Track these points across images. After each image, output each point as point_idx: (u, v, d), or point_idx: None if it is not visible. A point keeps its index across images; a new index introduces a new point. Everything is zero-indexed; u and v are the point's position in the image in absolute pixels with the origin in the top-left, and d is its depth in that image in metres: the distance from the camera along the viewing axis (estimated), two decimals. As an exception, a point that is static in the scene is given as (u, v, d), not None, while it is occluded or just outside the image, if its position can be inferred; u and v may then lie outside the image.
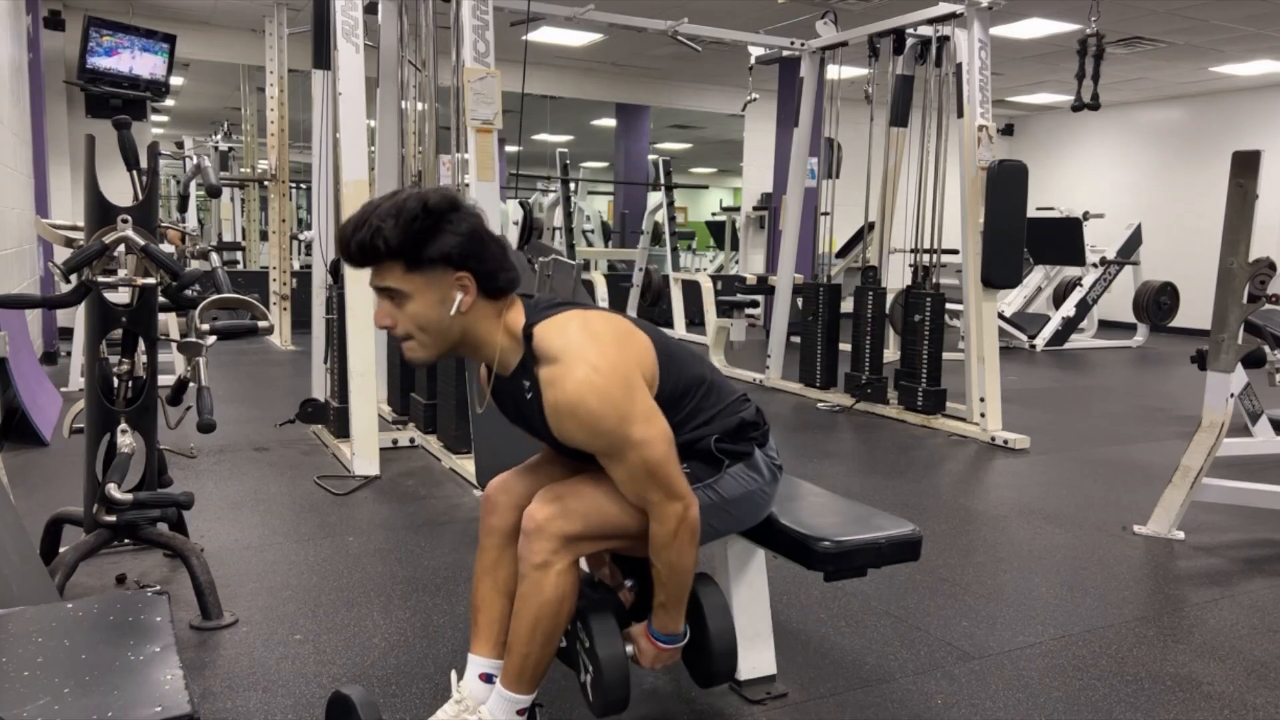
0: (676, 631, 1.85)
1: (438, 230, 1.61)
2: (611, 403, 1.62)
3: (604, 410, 1.62)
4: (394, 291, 1.64)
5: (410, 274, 1.62)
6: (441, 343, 1.69)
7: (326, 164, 4.85)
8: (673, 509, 1.69)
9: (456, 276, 1.64)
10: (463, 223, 1.63)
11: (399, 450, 4.56)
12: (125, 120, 2.58)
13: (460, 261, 1.63)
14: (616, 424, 1.62)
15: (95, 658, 1.27)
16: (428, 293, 1.64)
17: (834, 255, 8.88)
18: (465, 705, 1.80)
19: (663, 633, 1.84)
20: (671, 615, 1.83)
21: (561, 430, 1.66)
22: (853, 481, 4.30)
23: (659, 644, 1.85)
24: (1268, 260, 3.33)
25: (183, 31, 7.84)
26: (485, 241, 1.66)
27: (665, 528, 1.70)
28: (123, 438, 2.53)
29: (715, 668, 1.94)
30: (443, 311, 1.65)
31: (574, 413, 1.62)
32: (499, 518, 1.88)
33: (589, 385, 1.61)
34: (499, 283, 1.68)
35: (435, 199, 1.62)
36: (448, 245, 1.61)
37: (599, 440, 1.65)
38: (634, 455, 1.64)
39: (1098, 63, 5.36)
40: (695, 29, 6.19)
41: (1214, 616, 2.79)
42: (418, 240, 1.60)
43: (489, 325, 1.70)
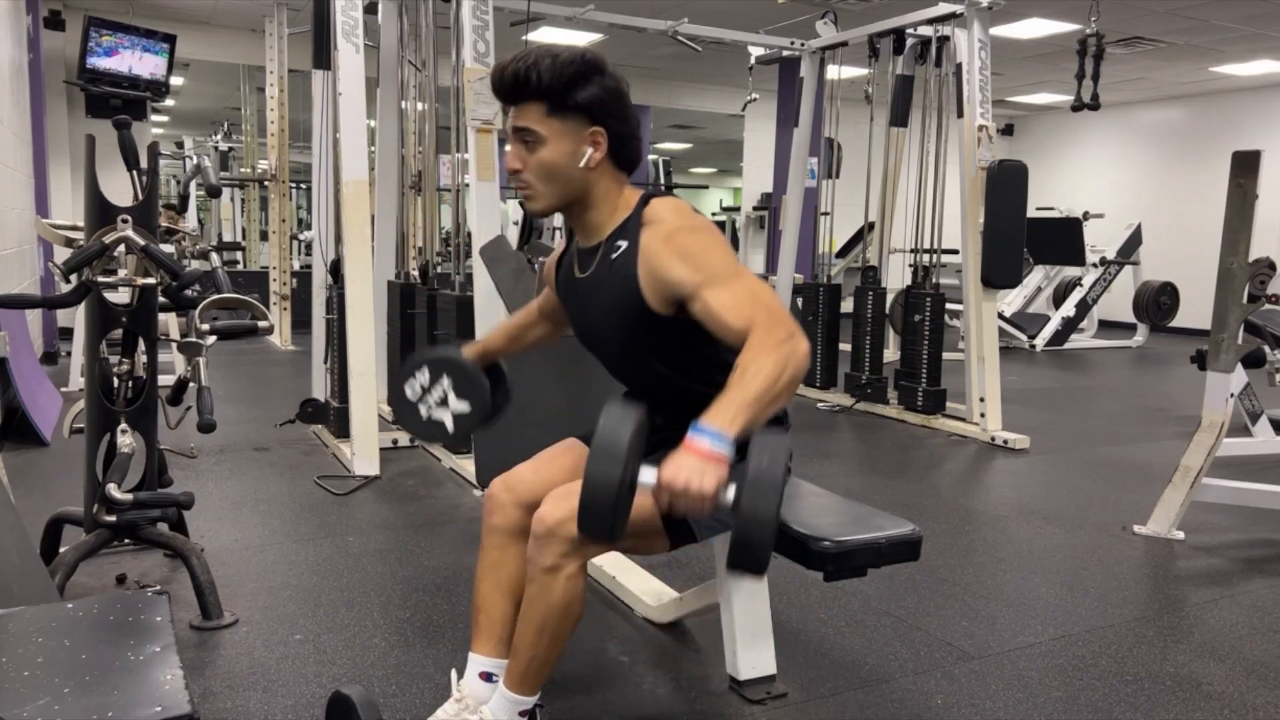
0: (726, 431, 1.39)
1: (587, 80, 1.64)
2: (721, 245, 1.65)
3: (714, 245, 1.64)
4: (530, 133, 1.67)
5: (549, 117, 1.65)
6: (562, 195, 1.72)
7: (326, 164, 4.85)
8: (780, 330, 1.48)
9: (592, 131, 1.67)
10: (611, 80, 1.67)
11: (399, 450, 4.56)
12: (125, 120, 2.58)
13: (600, 116, 1.67)
14: (724, 255, 1.62)
15: (95, 658, 1.27)
16: (561, 140, 1.66)
17: (834, 255, 8.87)
18: (466, 704, 1.80)
19: (708, 425, 1.40)
20: (733, 413, 1.41)
21: (659, 263, 1.62)
22: (853, 481, 4.30)
23: (695, 442, 1.39)
24: (1268, 260, 3.33)
25: (183, 31, 7.84)
26: (628, 106, 1.70)
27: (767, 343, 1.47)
28: (123, 438, 2.53)
29: (741, 545, 1.38)
30: (571, 163, 1.68)
31: (685, 239, 1.62)
32: (501, 516, 1.87)
33: (703, 226, 1.67)
34: (629, 150, 1.72)
35: (592, 55, 1.66)
36: (592, 95, 1.65)
37: (705, 268, 1.58)
38: (740, 284, 1.58)
39: (1098, 63, 5.36)
40: (695, 29, 6.19)
41: (1214, 616, 2.79)
42: (567, 83, 1.63)
43: (608, 189, 1.73)
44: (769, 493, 1.35)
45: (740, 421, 1.41)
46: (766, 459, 1.37)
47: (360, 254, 4.20)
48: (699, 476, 1.37)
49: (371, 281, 4.35)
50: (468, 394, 1.89)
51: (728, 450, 1.39)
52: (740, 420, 1.41)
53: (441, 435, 1.93)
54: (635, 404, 1.47)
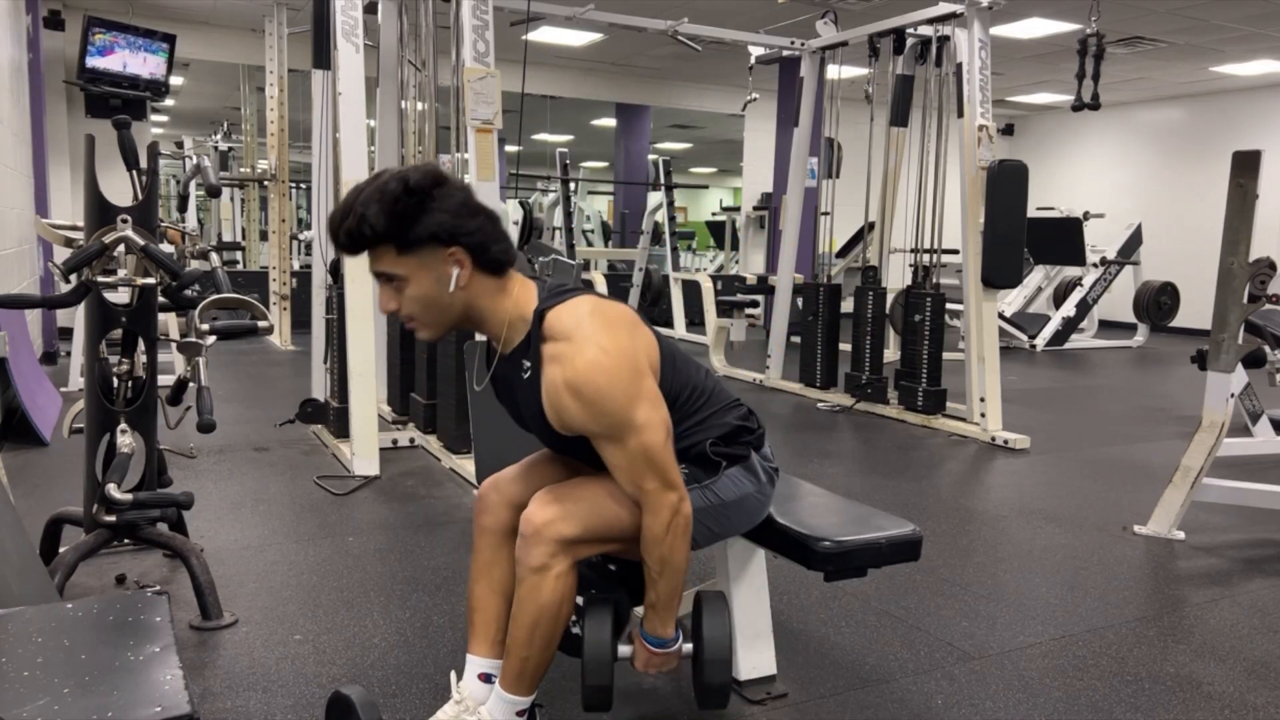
0: (666, 636, 1.81)
1: (423, 209, 1.59)
2: (618, 384, 1.61)
3: (610, 390, 1.61)
4: (390, 276, 1.64)
5: (403, 256, 1.62)
6: (445, 319, 1.70)
7: (326, 164, 4.85)
8: (667, 499, 1.67)
9: (449, 253, 1.63)
10: (449, 198, 1.61)
11: (399, 450, 4.56)
12: (125, 120, 2.58)
13: (450, 238, 1.61)
14: (621, 405, 1.61)
15: (95, 658, 1.27)
16: (423, 273, 1.63)
17: (834, 255, 8.87)
18: (465, 705, 1.80)
19: (652, 635, 1.80)
20: (661, 617, 1.79)
21: (561, 410, 1.63)
22: (853, 481, 4.30)
23: (649, 647, 1.81)
24: (1268, 260, 3.33)
25: (183, 31, 7.84)
26: (474, 214, 1.64)
27: (659, 519, 1.67)
28: (123, 438, 2.53)
29: (705, 694, 1.87)
30: (441, 289, 1.65)
31: (579, 390, 1.60)
32: (492, 517, 1.87)
33: (597, 365, 1.61)
34: (492, 254, 1.66)
35: (417, 177, 1.60)
36: (434, 223, 1.60)
37: (600, 421, 1.63)
38: (634, 440, 1.63)
39: (1098, 63, 5.36)
40: (695, 29, 6.19)
41: (1214, 616, 2.79)
42: (403, 222, 1.59)
43: (492, 300, 1.70)
44: (721, 666, 1.84)
45: (671, 618, 1.80)
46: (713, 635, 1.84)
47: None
48: (660, 663, 1.84)
49: (371, 282, 4.34)
50: None
51: (674, 644, 1.83)
52: (670, 617, 1.80)
53: None
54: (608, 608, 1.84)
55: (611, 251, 13.12)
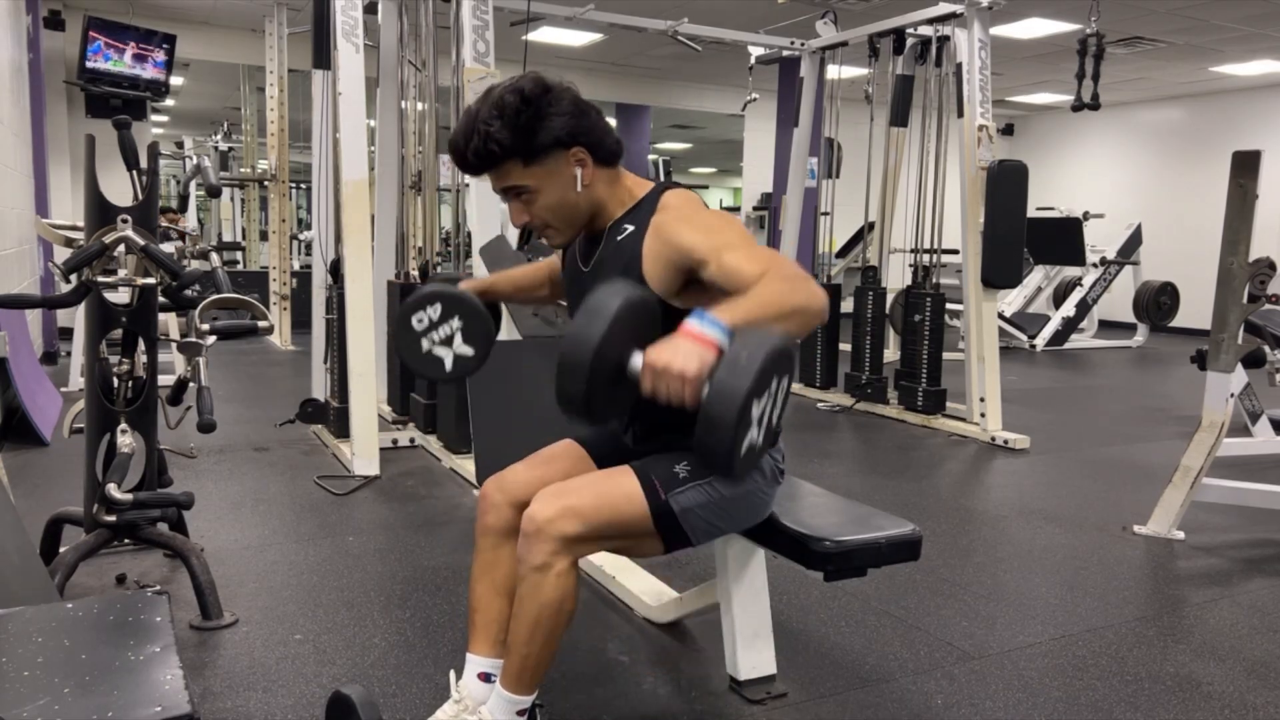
0: (723, 319, 1.40)
1: (541, 116, 1.63)
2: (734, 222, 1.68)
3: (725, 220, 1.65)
4: (519, 190, 1.67)
5: (530, 167, 1.65)
6: (577, 220, 1.74)
7: (326, 164, 4.85)
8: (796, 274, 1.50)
9: (571, 154, 1.67)
10: (561, 101, 1.65)
11: (399, 450, 4.56)
12: (125, 120, 2.58)
13: (571, 139, 1.65)
14: (742, 230, 1.65)
15: (95, 658, 1.27)
16: (552, 180, 1.67)
17: (834, 255, 8.87)
18: (465, 705, 1.80)
19: (707, 313, 1.41)
20: (730, 307, 1.43)
21: (670, 234, 1.62)
22: (853, 481, 4.30)
23: (689, 325, 1.40)
24: (1268, 260, 3.33)
25: (183, 31, 7.84)
26: (587, 111, 1.69)
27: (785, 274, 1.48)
28: (123, 438, 2.53)
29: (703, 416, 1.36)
30: (569, 192, 1.69)
31: (692, 217, 1.63)
32: (494, 516, 1.87)
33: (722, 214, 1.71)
34: (608, 147, 1.71)
35: (529, 86, 1.63)
36: (556, 128, 1.63)
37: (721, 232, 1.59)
38: (758, 248, 1.56)
39: (1098, 63, 5.36)
40: (695, 29, 6.19)
41: (1214, 616, 2.79)
42: (527, 133, 1.62)
43: (610, 190, 1.74)
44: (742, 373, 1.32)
45: (740, 316, 1.41)
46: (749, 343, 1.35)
47: (360, 254, 4.20)
48: (684, 358, 1.36)
49: (371, 281, 4.35)
50: (474, 341, 1.87)
51: (721, 336, 1.37)
52: (740, 315, 1.41)
53: (437, 372, 1.90)
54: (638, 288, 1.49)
55: (611, 251, 13.09)
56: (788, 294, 1.44)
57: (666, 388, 1.37)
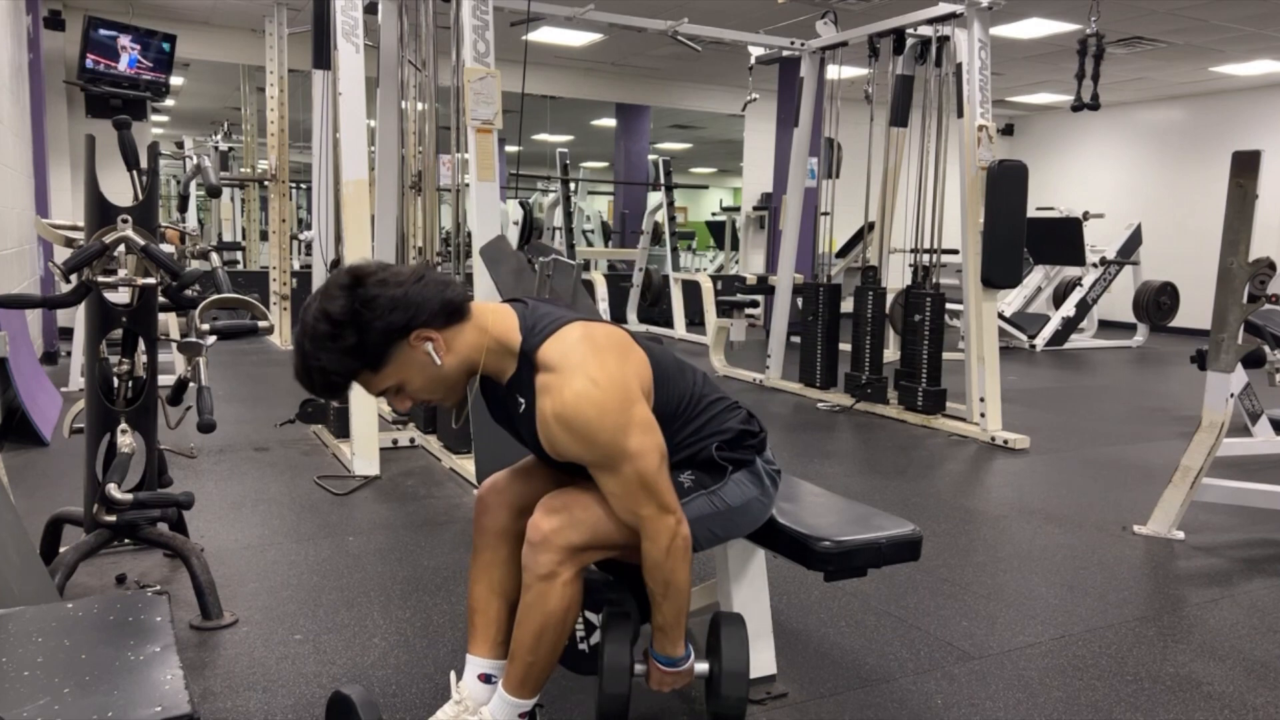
0: (676, 655, 1.83)
1: (362, 328, 1.56)
2: (608, 414, 1.60)
3: (600, 422, 1.60)
4: (387, 391, 1.66)
5: (382, 369, 1.62)
6: (455, 385, 1.70)
7: (326, 164, 4.86)
8: (665, 524, 1.67)
9: (413, 340, 1.61)
10: (376, 299, 1.57)
11: (399, 450, 4.56)
12: (125, 120, 2.58)
13: (405, 330, 1.59)
14: (612, 436, 1.61)
15: (95, 658, 1.27)
16: (409, 368, 1.63)
17: (834, 255, 8.88)
18: (465, 705, 1.80)
19: (662, 655, 1.83)
20: (670, 637, 1.80)
21: (553, 441, 1.64)
22: (853, 481, 4.30)
23: (660, 667, 1.84)
24: (1268, 260, 3.33)
25: (183, 31, 7.84)
26: (407, 291, 1.59)
27: (658, 545, 1.68)
28: (123, 438, 2.53)
29: (723, 710, 1.88)
30: (433, 371, 1.64)
31: (569, 424, 1.60)
32: (492, 519, 1.88)
33: (586, 396, 1.59)
34: (449, 311, 1.64)
35: (336, 305, 1.56)
36: (381, 330, 1.57)
37: (593, 452, 1.64)
38: (628, 467, 1.63)
39: (1098, 63, 5.36)
40: (695, 29, 6.19)
41: (1214, 616, 2.79)
42: (358, 351, 1.58)
43: (473, 343, 1.67)
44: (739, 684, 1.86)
45: (679, 636, 1.81)
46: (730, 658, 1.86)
47: (360, 254, 4.20)
48: (673, 682, 1.87)
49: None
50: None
51: (685, 662, 1.86)
52: (679, 636, 1.81)
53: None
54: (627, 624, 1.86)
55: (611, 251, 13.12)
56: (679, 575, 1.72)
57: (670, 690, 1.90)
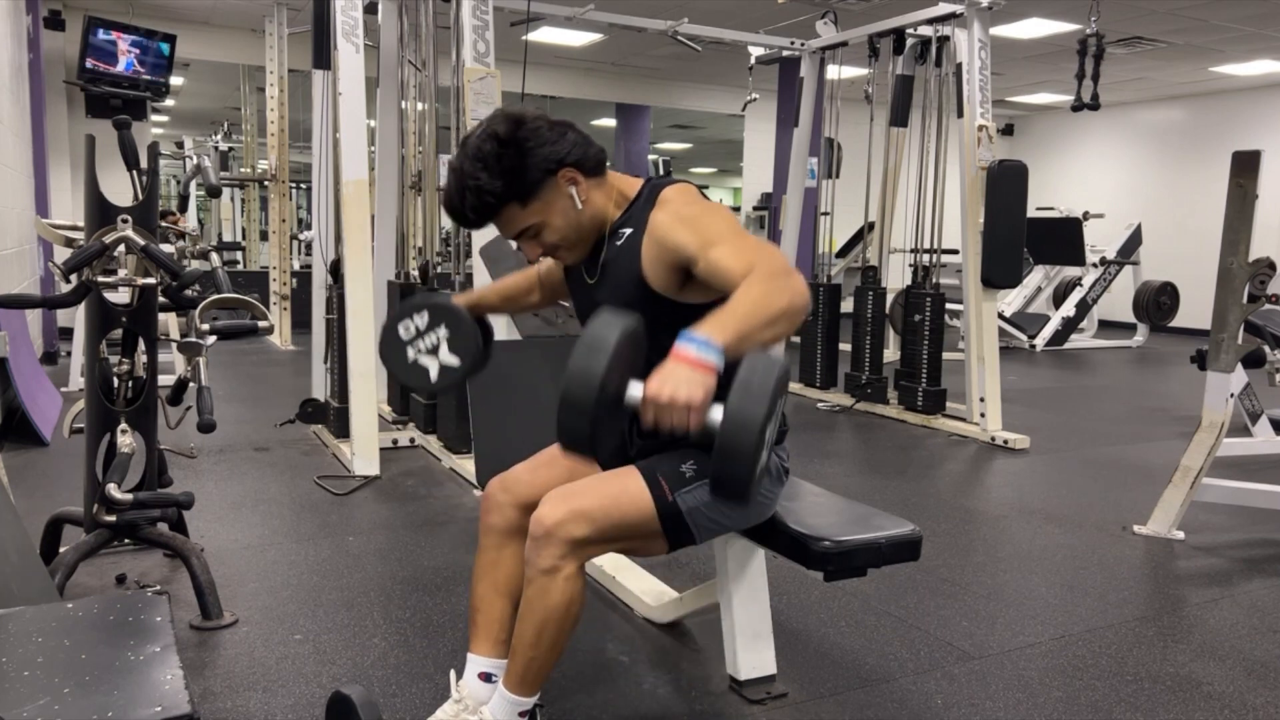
0: (713, 338, 1.37)
1: (524, 153, 1.64)
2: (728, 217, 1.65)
3: (721, 213, 1.65)
4: (526, 230, 1.71)
5: (529, 205, 1.68)
6: (586, 236, 1.76)
7: (326, 164, 4.86)
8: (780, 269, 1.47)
9: (562, 177, 1.68)
10: (538, 130, 1.66)
11: (399, 450, 4.56)
12: (125, 120, 2.58)
13: (558, 164, 1.67)
14: (731, 223, 1.63)
15: (95, 658, 1.27)
16: (553, 209, 1.70)
17: (834, 255, 8.87)
18: (465, 704, 1.80)
19: (700, 335, 1.38)
20: (717, 322, 1.39)
21: (666, 235, 1.64)
22: (853, 481, 4.30)
23: (682, 349, 1.36)
24: (1268, 260, 3.33)
25: (183, 31, 7.84)
26: (564, 131, 1.69)
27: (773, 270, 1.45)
28: (123, 438, 2.53)
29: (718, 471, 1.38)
30: (571, 214, 1.71)
31: (688, 215, 1.63)
32: (498, 516, 1.87)
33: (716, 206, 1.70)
34: (594, 157, 1.72)
35: (503, 128, 1.65)
36: (540, 160, 1.65)
37: (707, 231, 1.58)
38: (744, 241, 1.57)
39: (1098, 63, 5.36)
40: (695, 29, 6.19)
41: (1214, 616, 2.79)
42: (516, 174, 1.65)
43: (604, 198, 1.76)
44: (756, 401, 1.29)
45: (730, 332, 1.37)
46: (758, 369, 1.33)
47: (360, 254, 4.20)
48: (686, 387, 1.32)
49: (371, 281, 4.35)
50: (461, 350, 1.84)
51: (716, 359, 1.35)
52: (730, 331, 1.37)
53: (422, 381, 1.88)
54: (630, 315, 1.42)
55: (612, 251, 13.10)
56: (773, 297, 1.41)
57: (670, 420, 1.35)
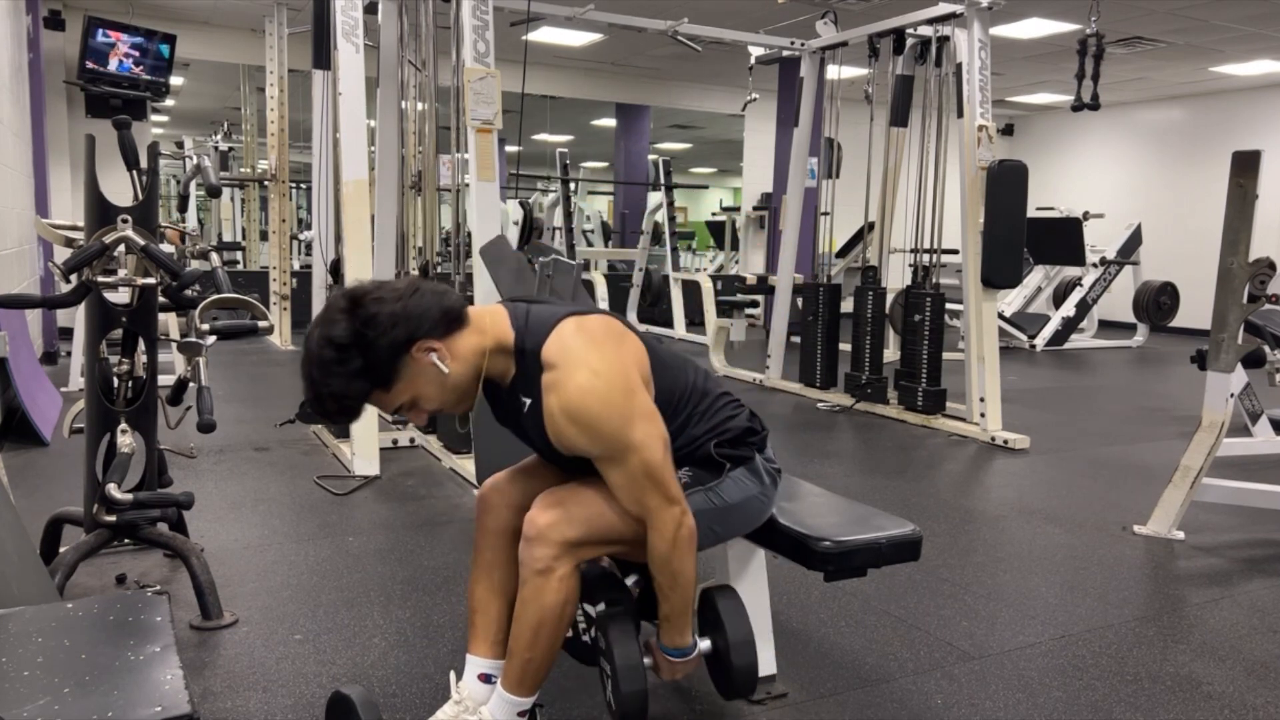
0: (685, 645, 1.83)
1: (366, 348, 1.57)
2: (612, 405, 1.62)
3: (605, 413, 1.61)
4: (400, 409, 1.68)
5: (393, 387, 1.63)
6: (466, 394, 1.71)
7: (326, 164, 4.86)
8: (670, 515, 1.68)
9: (416, 352, 1.61)
10: (375, 316, 1.58)
11: (399, 450, 4.56)
12: (125, 120, 2.58)
13: (407, 343, 1.60)
14: (617, 427, 1.62)
15: (95, 658, 1.27)
16: (418, 382, 1.64)
17: (834, 255, 8.87)
18: (465, 705, 1.80)
19: (671, 647, 1.82)
20: (678, 628, 1.81)
21: (561, 436, 1.65)
22: (853, 481, 4.30)
23: (669, 658, 1.83)
24: (1268, 260, 3.33)
25: (183, 31, 7.84)
26: (405, 304, 1.60)
27: (664, 536, 1.68)
28: (123, 438, 2.53)
29: (735, 681, 1.89)
30: (442, 381, 1.65)
31: (575, 418, 1.61)
32: (494, 518, 1.88)
33: (589, 390, 1.61)
34: (449, 319, 1.65)
35: (338, 331, 1.57)
36: (385, 347, 1.58)
37: (599, 444, 1.64)
38: (634, 458, 1.64)
39: (1098, 63, 5.36)
40: (695, 29, 6.19)
41: (1214, 616, 2.79)
42: (366, 372, 1.59)
43: (475, 346, 1.68)
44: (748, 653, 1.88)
45: (687, 628, 1.82)
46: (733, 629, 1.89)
47: (360, 254, 4.20)
48: (683, 670, 1.87)
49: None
50: None
51: (693, 652, 1.85)
52: (686, 626, 1.82)
53: None
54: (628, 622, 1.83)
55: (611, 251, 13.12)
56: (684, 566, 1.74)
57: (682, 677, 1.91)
